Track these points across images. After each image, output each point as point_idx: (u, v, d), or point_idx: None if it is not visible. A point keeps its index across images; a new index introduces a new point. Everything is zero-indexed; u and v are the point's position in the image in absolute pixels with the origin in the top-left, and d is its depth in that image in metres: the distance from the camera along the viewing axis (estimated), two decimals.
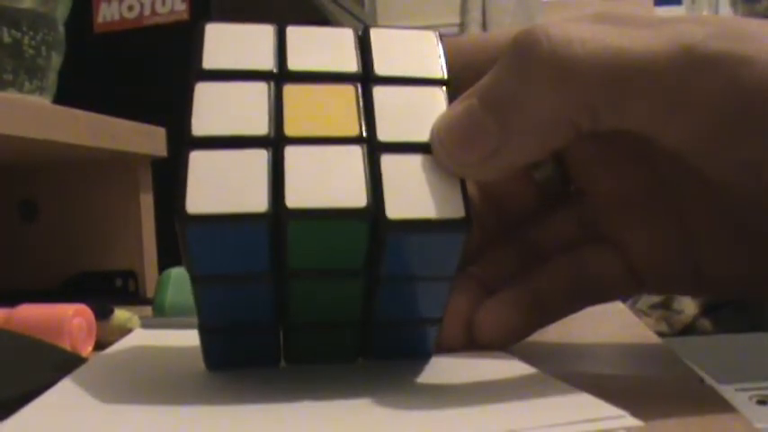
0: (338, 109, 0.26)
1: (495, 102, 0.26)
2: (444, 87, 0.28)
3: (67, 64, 0.71)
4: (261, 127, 0.25)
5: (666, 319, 1.66)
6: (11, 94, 0.64)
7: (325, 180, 0.24)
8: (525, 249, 0.35)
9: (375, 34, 0.28)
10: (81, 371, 0.28)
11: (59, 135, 0.62)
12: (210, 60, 0.27)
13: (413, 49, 0.28)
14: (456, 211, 0.25)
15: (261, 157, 0.25)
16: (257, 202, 0.24)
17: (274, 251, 0.24)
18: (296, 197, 0.24)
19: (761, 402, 1.13)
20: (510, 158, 0.27)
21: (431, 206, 0.25)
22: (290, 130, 0.25)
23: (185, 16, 0.94)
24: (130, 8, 0.95)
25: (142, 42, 0.95)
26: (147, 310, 0.51)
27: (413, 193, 0.25)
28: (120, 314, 0.42)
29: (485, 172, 0.27)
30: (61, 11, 0.69)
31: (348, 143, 0.25)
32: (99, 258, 0.76)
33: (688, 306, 1.66)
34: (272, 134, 0.25)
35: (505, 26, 2.12)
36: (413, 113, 0.27)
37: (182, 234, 0.23)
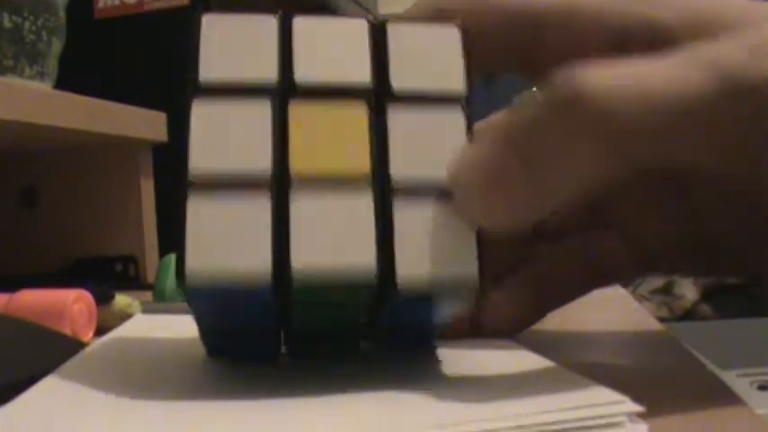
0: (349, 137, 0.24)
1: (528, 152, 0.24)
2: (463, 104, 0.26)
3: (68, 49, 0.71)
4: (264, 163, 0.24)
5: (667, 305, 1.66)
6: (11, 80, 0.64)
7: (333, 238, 0.23)
8: (528, 233, 0.35)
9: (392, 31, 0.26)
10: (80, 357, 0.28)
11: (60, 120, 0.62)
12: (209, 68, 0.25)
13: (433, 52, 0.26)
14: (469, 271, 0.24)
15: (263, 204, 0.23)
16: (260, 262, 0.23)
17: (278, 303, 0.24)
18: (301, 260, 0.23)
19: (762, 388, 1.13)
20: (540, 210, 0.25)
21: (443, 268, 0.24)
22: (295, 165, 0.24)
23: (185, 2, 0.94)
24: None
25: (142, 28, 0.94)
26: (148, 295, 0.51)
27: (425, 252, 0.24)
28: (121, 299, 0.42)
29: (509, 223, 0.25)
30: None
31: (358, 184, 0.24)
32: (99, 243, 0.76)
33: (689, 291, 1.66)
34: (277, 173, 0.24)
35: None
36: (430, 142, 0.25)
37: (181, 287, 0.23)
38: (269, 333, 0.27)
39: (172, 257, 0.50)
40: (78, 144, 0.73)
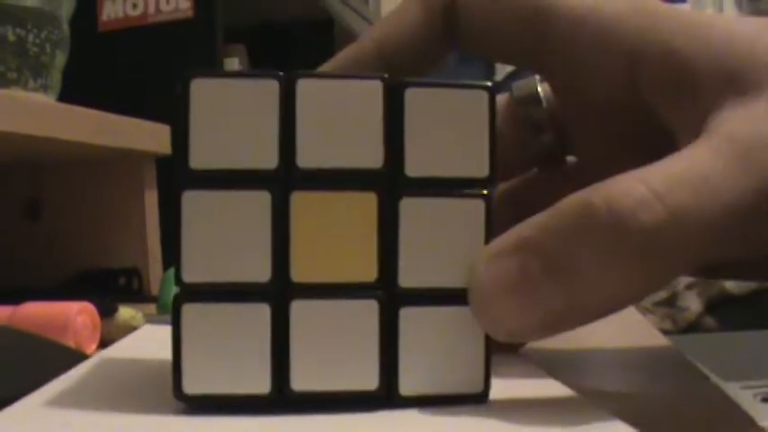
0: (356, 237, 0.23)
1: (564, 275, 0.22)
2: (485, 190, 0.23)
3: (72, 62, 0.71)
4: (263, 269, 0.22)
5: (671, 317, 1.65)
6: (15, 92, 0.64)
7: (334, 356, 0.22)
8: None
9: (411, 98, 0.23)
10: (80, 369, 0.28)
11: (64, 133, 0.62)
12: (201, 152, 0.22)
13: (456, 123, 0.23)
14: (474, 383, 0.23)
15: (262, 317, 0.22)
16: (259, 381, 0.22)
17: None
18: (302, 379, 0.22)
19: (766, 400, 1.12)
20: (569, 327, 0.23)
21: (448, 381, 0.23)
22: (297, 272, 0.22)
23: (189, 14, 0.94)
24: (134, 6, 0.95)
25: (146, 40, 0.95)
26: (152, 307, 0.51)
27: (431, 366, 0.23)
28: (125, 312, 0.42)
29: (533, 337, 0.24)
30: (66, 9, 0.69)
31: (364, 292, 0.23)
32: (103, 256, 0.76)
33: (693, 303, 1.65)
34: (277, 281, 0.22)
35: None
36: (443, 241, 0.23)
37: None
38: None
39: None
40: (82, 156, 0.73)
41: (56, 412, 0.22)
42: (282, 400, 0.22)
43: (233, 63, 1.12)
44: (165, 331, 0.23)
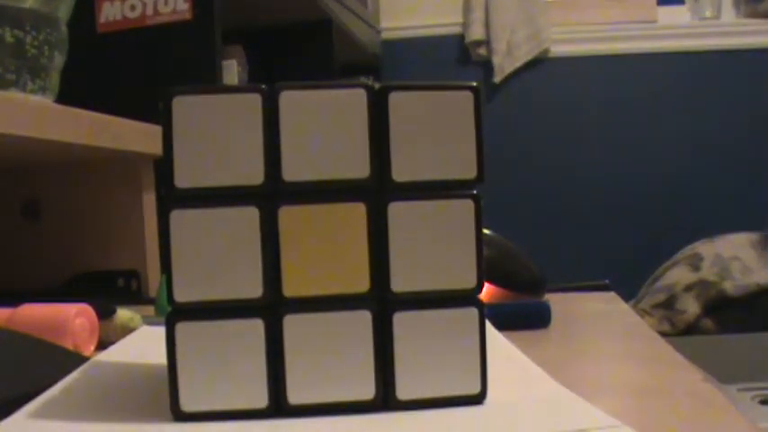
0: (347, 248, 0.23)
1: None
2: (473, 191, 0.23)
3: (70, 63, 0.71)
4: (254, 285, 0.22)
5: (669, 319, 1.65)
6: (13, 94, 0.64)
7: (330, 368, 0.22)
8: None
9: (395, 102, 0.23)
10: (81, 371, 0.28)
11: (62, 135, 0.62)
12: (185, 171, 0.22)
13: (442, 127, 0.23)
14: (471, 384, 0.23)
15: (256, 333, 0.22)
16: (256, 396, 0.22)
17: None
18: (298, 392, 0.22)
19: (763, 402, 1.12)
20: None
21: (445, 384, 0.23)
22: (289, 286, 0.22)
23: (188, 16, 0.94)
24: (133, 8, 0.95)
25: (144, 42, 0.95)
26: (150, 309, 0.51)
27: (427, 369, 0.23)
28: (123, 314, 0.42)
29: None
30: (64, 10, 0.69)
31: (357, 303, 0.23)
32: (101, 258, 0.76)
33: (691, 306, 1.65)
34: (269, 296, 0.22)
35: (508, 26, 2.11)
36: (434, 244, 0.23)
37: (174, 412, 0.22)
38: None
39: None
40: (80, 158, 0.73)
41: (52, 425, 0.22)
42: (280, 413, 0.22)
43: (231, 64, 1.12)
44: (162, 332, 0.23)
